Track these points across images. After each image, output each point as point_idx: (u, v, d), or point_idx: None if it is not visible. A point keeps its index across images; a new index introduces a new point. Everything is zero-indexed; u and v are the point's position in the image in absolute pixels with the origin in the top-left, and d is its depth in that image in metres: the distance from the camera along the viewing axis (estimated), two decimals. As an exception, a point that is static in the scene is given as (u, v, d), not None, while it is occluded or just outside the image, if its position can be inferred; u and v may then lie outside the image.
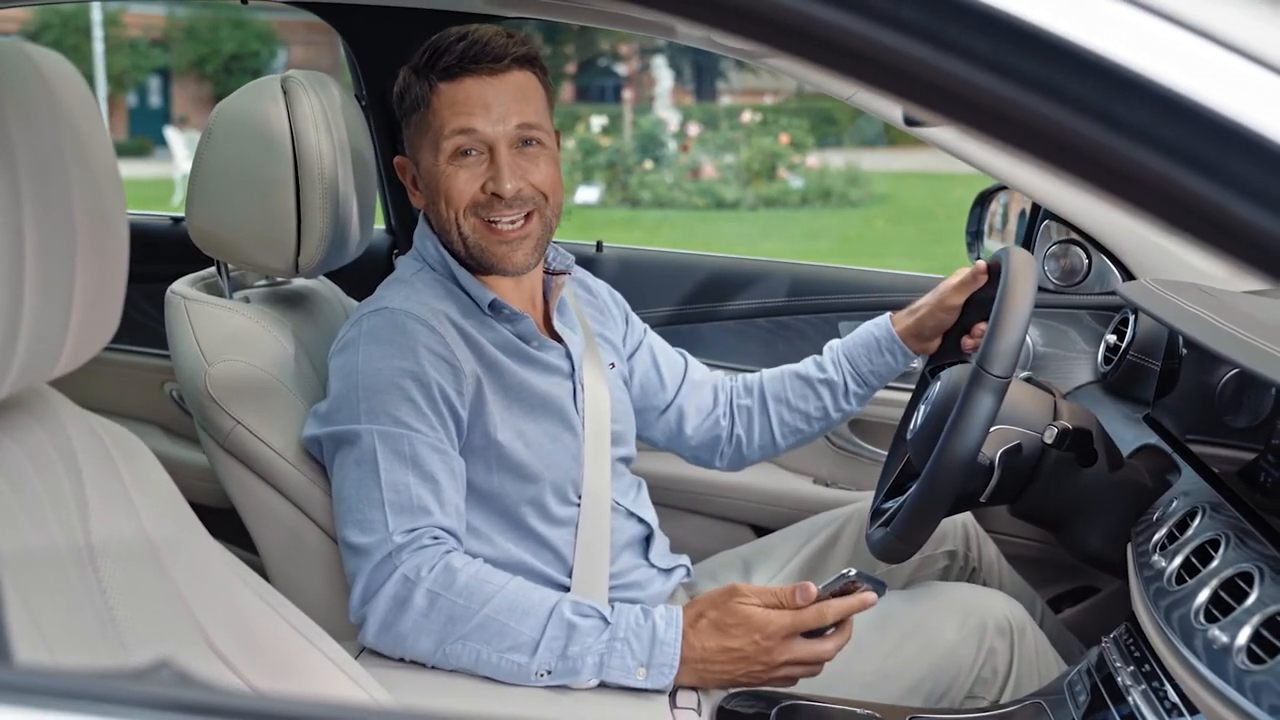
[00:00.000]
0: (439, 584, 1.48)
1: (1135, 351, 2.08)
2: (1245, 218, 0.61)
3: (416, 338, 1.60)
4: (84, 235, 0.92)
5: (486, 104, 1.62)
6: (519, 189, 1.63)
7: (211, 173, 1.72)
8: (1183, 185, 0.62)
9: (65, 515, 1.03)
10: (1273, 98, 0.61)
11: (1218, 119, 0.61)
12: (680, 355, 2.04)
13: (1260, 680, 1.17)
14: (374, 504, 1.53)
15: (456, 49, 1.62)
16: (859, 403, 1.99)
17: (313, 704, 0.79)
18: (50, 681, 0.67)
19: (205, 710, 0.64)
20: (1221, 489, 1.58)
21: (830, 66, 0.68)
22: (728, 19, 0.67)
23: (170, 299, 1.75)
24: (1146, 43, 0.62)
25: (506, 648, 1.46)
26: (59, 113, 0.92)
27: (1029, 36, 0.63)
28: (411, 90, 1.67)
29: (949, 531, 2.03)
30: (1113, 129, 0.62)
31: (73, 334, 0.95)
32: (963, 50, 0.64)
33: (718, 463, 2.04)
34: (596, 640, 1.46)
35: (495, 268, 1.68)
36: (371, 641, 1.52)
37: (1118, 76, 0.62)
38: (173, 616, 1.09)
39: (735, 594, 1.48)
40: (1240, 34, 0.62)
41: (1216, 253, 0.65)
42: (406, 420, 1.56)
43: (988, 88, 0.64)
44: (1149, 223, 0.66)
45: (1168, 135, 0.62)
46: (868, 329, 1.97)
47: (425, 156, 1.67)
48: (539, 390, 1.68)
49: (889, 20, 0.64)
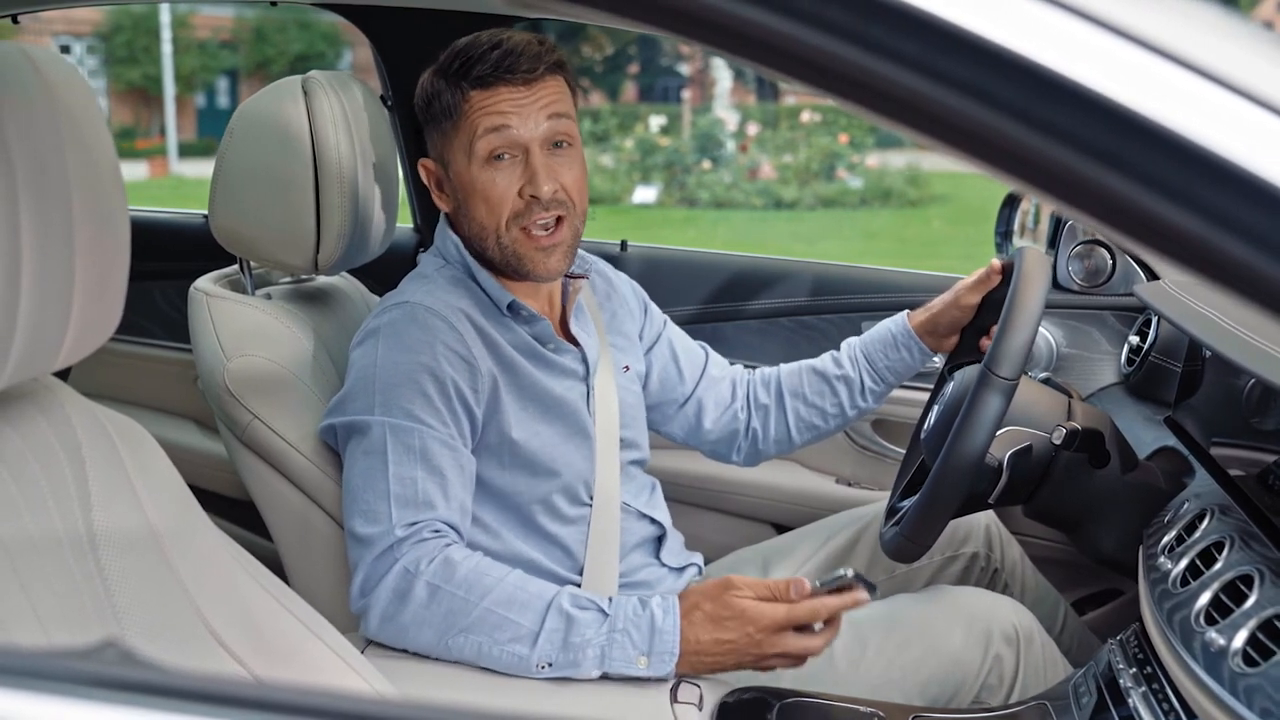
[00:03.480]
0: (439, 577, 1.50)
1: (1157, 353, 2.07)
2: (1159, 213, 0.61)
3: (435, 333, 1.61)
4: (83, 231, 0.95)
5: (520, 109, 1.63)
6: (554, 190, 1.64)
7: (233, 171, 1.76)
8: (1105, 184, 0.63)
9: (66, 504, 1.05)
10: (1190, 97, 0.62)
11: (1138, 120, 0.62)
12: (701, 348, 2.04)
13: (1253, 683, 1.17)
14: (380, 495, 1.55)
15: (491, 57, 1.62)
16: (876, 400, 1.99)
17: (259, 686, 0.81)
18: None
19: (149, 689, 0.66)
20: (1233, 491, 1.56)
21: (765, 65, 0.69)
22: (661, 18, 0.68)
23: (193, 295, 1.79)
24: (1066, 44, 0.63)
25: (507, 639, 1.48)
26: (59, 112, 0.94)
27: (952, 38, 0.64)
28: (441, 97, 1.67)
29: (972, 533, 2.02)
30: (1033, 128, 0.63)
31: (73, 327, 0.98)
32: (889, 51, 0.65)
33: (734, 457, 2.05)
34: (596, 632, 1.47)
35: (529, 275, 1.69)
36: (373, 633, 1.54)
37: (1037, 77, 0.62)
38: (174, 605, 1.11)
39: (730, 587, 1.49)
40: (1157, 34, 0.62)
41: (1145, 249, 0.65)
42: (419, 415, 1.58)
43: (915, 87, 0.65)
44: (1083, 220, 0.66)
45: (1087, 135, 0.62)
46: (885, 326, 1.98)
47: (457, 160, 1.67)
48: (553, 392, 1.70)
49: (815, 21, 0.65)
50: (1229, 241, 0.61)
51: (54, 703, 0.63)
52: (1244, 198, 0.61)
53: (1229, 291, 0.63)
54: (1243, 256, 0.62)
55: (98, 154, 0.97)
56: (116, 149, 1.03)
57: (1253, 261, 0.62)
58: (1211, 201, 0.61)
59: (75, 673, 0.65)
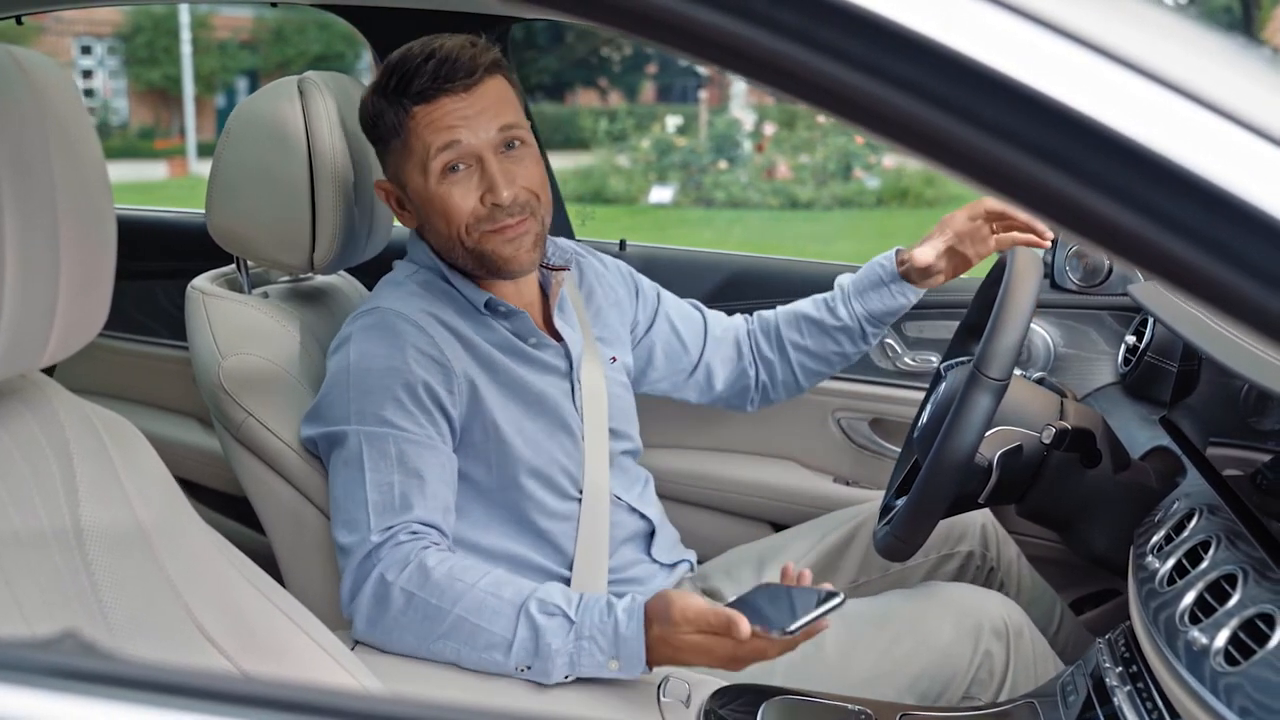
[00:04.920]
0: (413, 583, 1.51)
1: (1153, 353, 2.06)
2: (1099, 210, 0.62)
3: (405, 337, 1.62)
4: (68, 230, 0.95)
5: (466, 117, 1.62)
6: (515, 194, 1.64)
7: (230, 171, 1.77)
8: (1044, 180, 0.63)
9: (53, 500, 1.05)
10: (1130, 97, 0.62)
11: (1076, 117, 0.62)
12: (697, 310, 2.06)
13: (1233, 682, 1.17)
14: (359, 504, 1.57)
15: (426, 70, 1.60)
16: (876, 340, 2.05)
17: (216, 678, 0.82)
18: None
19: (105, 680, 0.67)
20: (1223, 491, 1.56)
21: (720, 64, 0.70)
22: (615, 17, 0.69)
23: (190, 294, 1.81)
24: (1007, 43, 0.63)
25: (483, 646, 1.49)
26: (45, 113, 0.95)
27: (899, 39, 0.64)
28: (385, 117, 1.65)
29: (967, 531, 2.02)
30: (975, 126, 0.63)
31: (59, 324, 0.98)
32: (836, 51, 0.65)
33: (749, 408, 2.11)
34: (564, 641, 1.47)
35: (503, 270, 1.69)
36: (362, 637, 1.56)
37: (980, 76, 0.63)
38: (161, 600, 1.11)
39: (673, 623, 1.44)
40: (1099, 34, 0.63)
41: (1086, 243, 0.66)
42: (392, 419, 1.59)
43: (860, 86, 0.65)
44: (1029, 213, 0.67)
45: (1029, 133, 0.63)
46: (874, 268, 2.01)
47: (413, 179, 1.66)
48: (535, 388, 1.71)
49: (766, 22, 0.66)
50: (1168, 238, 0.62)
51: (9, 693, 0.64)
52: (1182, 195, 0.61)
53: (1168, 284, 0.64)
54: (1182, 253, 0.62)
55: (83, 154, 0.98)
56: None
57: (1190, 258, 0.62)
58: (1149, 198, 0.62)
59: (32, 663, 0.66)
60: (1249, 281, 0.59)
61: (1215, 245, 0.61)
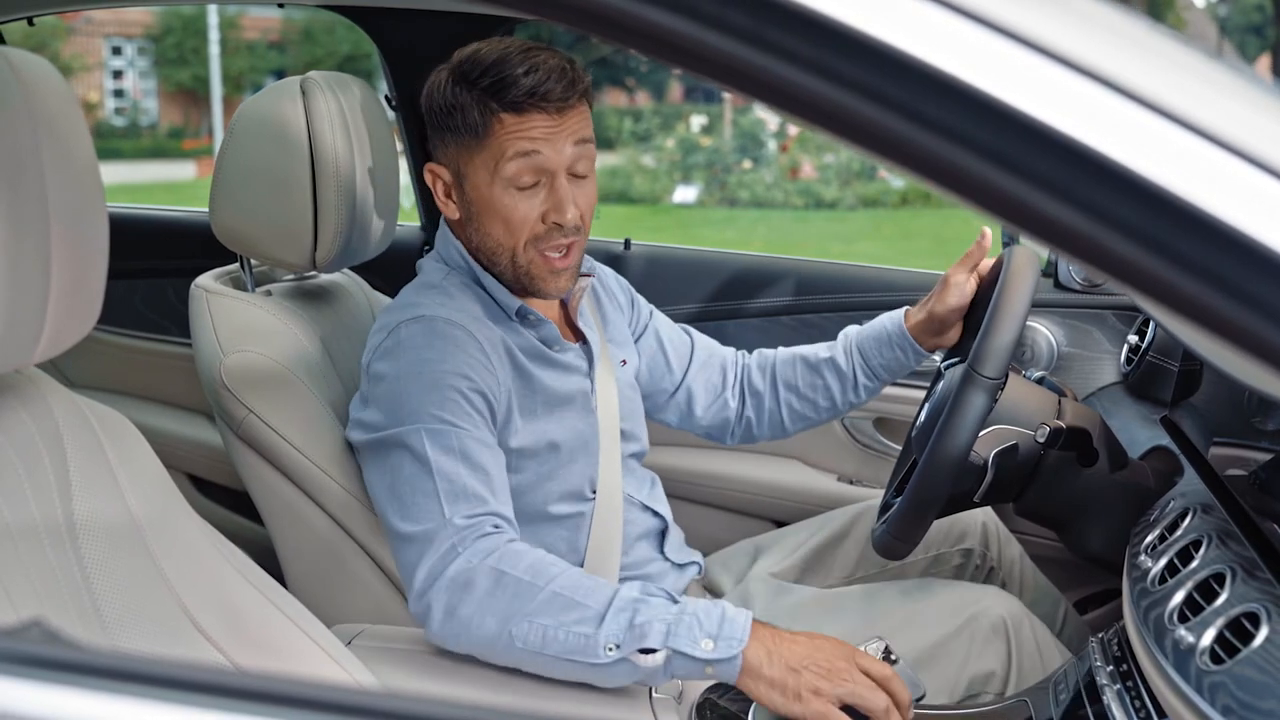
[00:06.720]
0: (505, 563, 1.47)
1: (1155, 353, 2.06)
2: (1043, 210, 0.62)
3: (460, 345, 1.62)
4: (59, 229, 0.96)
5: (551, 135, 1.61)
6: (577, 216, 1.65)
7: (233, 170, 1.79)
8: (991, 180, 0.64)
9: (45, 493, 1.07)
10: (1075, 98, 0.63)
11: (1023, 119, 0.63)
12: (686, 334, 2.05)
13: (1218, 680, 1.17)
14: (428, 495, 1.53)
15: (524, 84, 1.59)
16: (868, 395, 2.00)
17: (182, 666, 0.83)
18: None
19: (71, 668, 0.68)
20: (1218, 490, 1.56)
21: (674, 64, 0.71)
22: (571, 16, 0.70)
23: (193, 292, 1.83)
24: (955, 45, 0.64)
25: (574, 620, 1.44)
26: (36, 114, 0.96)
27: (846, 40, 0.65)
28: (467, 113, 1.63)
29: (968, 530, 2.02)
30: (922, 126, 0.64)
31: (50, 322, 0.99)
32: (785, 52, 0.66)
33: (729, 440, 2.07)
34: (665, 611, 1.43)
35: (537, 293, 1.70)
36: (436, 631, 1.50)
37: (927, 78, 0.64)
38: (154, 594, 1.12)
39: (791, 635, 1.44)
40: (1046, 35, 0.63)
41: (1040, 242, 0.67)
42: (452, 419, 1.57)
43: (810, 86, 0.66)
44: (977, 213, 0.68)
45: (973, 134, 0.64)
46: (882, 323, 1.98)
47: (477, 176, 1.65)
48: (559, 391, 1.72)
49: (716, 23, 0.67)
50: (1112, 238, 0.63)
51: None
52: (1122, 194, 0.62)
53: (1118, 283, 0.64)
54: (1127, 253, 0.63)
55: (75, 152, 0.99)
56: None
57: (1138, 259, 0.63)
58: (1093, 198, 0.62)
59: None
60: (1183, 276, 0.60)
61: (1155, 243, 0.61)
